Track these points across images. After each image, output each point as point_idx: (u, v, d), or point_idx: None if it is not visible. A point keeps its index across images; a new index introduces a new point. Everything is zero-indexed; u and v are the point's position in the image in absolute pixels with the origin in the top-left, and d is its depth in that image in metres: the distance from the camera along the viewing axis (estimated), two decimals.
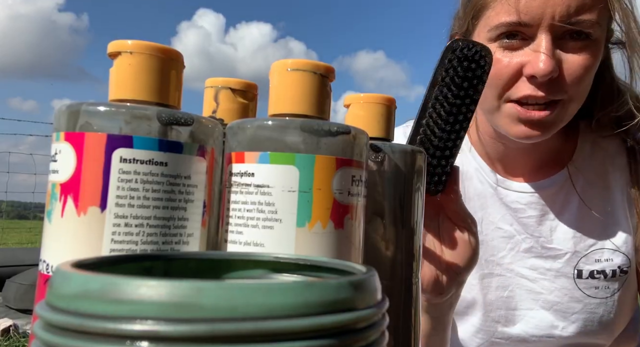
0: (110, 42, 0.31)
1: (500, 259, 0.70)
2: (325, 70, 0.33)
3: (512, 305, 0.70)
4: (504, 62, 0.59)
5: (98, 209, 0.28)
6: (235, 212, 0.31)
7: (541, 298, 0.69)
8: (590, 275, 0.67)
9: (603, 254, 0.67)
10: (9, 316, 2.71)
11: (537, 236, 0.69)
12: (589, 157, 0.69)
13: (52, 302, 0.17)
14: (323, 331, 0.16)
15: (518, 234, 0.70)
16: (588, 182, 0.68)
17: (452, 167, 0.47)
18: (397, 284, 0.40)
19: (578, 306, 0.68)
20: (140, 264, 0.24)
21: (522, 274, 0.70)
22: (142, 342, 0.15)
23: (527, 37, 0.58)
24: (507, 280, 0.70)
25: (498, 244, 0.70)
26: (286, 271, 0.25)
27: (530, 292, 0.69)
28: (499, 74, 0.59)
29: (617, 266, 0.67)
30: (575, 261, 0.67)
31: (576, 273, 0.67)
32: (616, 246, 0.67)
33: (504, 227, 0.70)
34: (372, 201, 0.38)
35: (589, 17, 0.56)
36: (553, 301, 0.68)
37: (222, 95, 0.40)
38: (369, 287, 0.18)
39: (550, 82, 0.57)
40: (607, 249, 0.67)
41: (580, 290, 0.67)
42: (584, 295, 0.67)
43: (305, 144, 0.31)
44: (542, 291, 0.69)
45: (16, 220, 19.05)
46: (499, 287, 0.71)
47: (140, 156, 0.29)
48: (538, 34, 0.57)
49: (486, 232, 0.71)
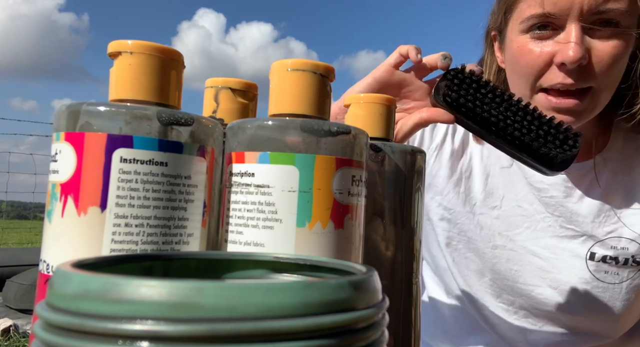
0: (111, 42, 0.31)
1: (514, 235, 0.72)
2: (325, 70, 0.33)
3: (521, 279, 0.72)
4: (535, 52, 0.61)
5: (98, 209, 0.28)
6: (236, 212, 0.31)
7: (549, 277, 0.70)
8: (602, 259, 0.68)
9: (620, 241, 0.68)
10: (9, 316, 2.71)
11: (557, 215, 0.70)
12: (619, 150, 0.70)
13: (52, 302, 0.17)
14: (323, 331, 0.16)
15: (537, 214, 0.71)
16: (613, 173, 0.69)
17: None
18: (397, 284, 0.40)
19: (585, 287, 0.69)
20: (141, 264, 0.24)
21: (535, 252, 0.71)
22: (142, 342, 0.15)
23: (557, 27, 0.60)
24: (517, 255, 0.72)
25: (515, 221, 0.72)
26: (286, 271, 0.25)
27: (539, 270, 0.71)
28: (531, 63, 0.61)
29: (632, 255, 0.67)
30: (591, 244, 0.69)
31: (589, 255, 0.69)
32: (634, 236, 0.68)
33: (524, 205, 0.72)
34: (372, 201, 0.38)
35: (617, 6, 0.58)
36: (561, 281, 0.70)
37: (222, 95, 0.40)
38: (369, 287, 0.18)
39: (579, 69, 0.59)
40: (625, 238, 0.68)
41: (590, 272, 0.69)
42: (593, 277, 0.68)
43: (305, 144, 0.31)
44: (551, 270, 0.70)
45: (16, 220, 19.06)
46: (510, 260, 0.72)
47: (141, 156, 0.29)
48: (567, 24, 0.59)
49: (505, 208, 0.73)
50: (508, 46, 0.65)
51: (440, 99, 0.53)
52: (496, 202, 0.73)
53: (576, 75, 0.59)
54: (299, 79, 0.33)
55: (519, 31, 0.62)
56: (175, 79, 0.32)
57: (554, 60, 0.60)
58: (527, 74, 0.62)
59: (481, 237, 0.74)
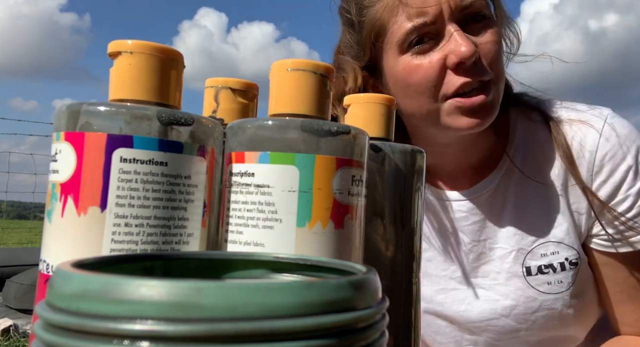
0: (111, 42, 0.31)
1: (452, 273, 0.71)
2: (326, 70, 0.33)
3: (473, 317, 0.70)
4: (424, 65, 0.59)
5: (98, 209, 0.28)
6: (236, 212, 0.31)
7: (499, 306, 0.69)
8: (539, 270, 0.67)
9: (548, 248, 0.67)
10: (9, 316, 2.71)
11: (483, 239, 0.69)
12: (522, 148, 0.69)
13: (52, 302, 0.17)
14: (323, 331, 0.16)
15: (464, 245, 0.70)
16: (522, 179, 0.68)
17: None
18: (397, 284, 0.40)
19: (535, 305, 0.67)
20: (141, 264, 0.24)
21: (476, 283, 0.70)
22: (142, 342, 0.15)
23: (434, 36, 0.59)
24: (463, 293, 0.70)
25: (447, 258, 0.71)
26: (286, 271, 0.25)
27: (487, 302, 0.69)
28: (425, 76, 0.59)
29: (564, 258, 0.66)
30: (522, 258, 0.67)
31: (525, 270, 0.67)
32: (559, 238, 0.66)
33: (450, 239, 0.71)
34: (372, 201, 0.38)
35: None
36: (511, 306, 0.68)
37: (222, 95, 0.40)
38: (369, 287, 0.18)
39: (474, 65, 0.58)
40: (552, 242, 0.67)
41: (533, 288, 0.67)
42: (538, 292, 0.67)
43: (305, 144, 0.31)
44: (498, 298, 0.69)
45: (16, 220, 19.05)
46: (455, 301, 0.71)
47: (141, 156, 0.29)
48: (445, 27, 0.59)
49: (434, 248, 0.71)
50: (390, 74, 0.62)
51: None
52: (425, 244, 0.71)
53: (474, 71, 0.58)
54: (299, 79, 0.33)
55: (398, 53, 0.60)
56: (175, 79, 0.32)
57: (447, 64, 0.58)
58: (425, 88, 0.59)
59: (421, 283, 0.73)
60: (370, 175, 0.37)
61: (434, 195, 0.71)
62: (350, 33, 0.66)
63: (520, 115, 0.70)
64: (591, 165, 0.64)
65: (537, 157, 0.68)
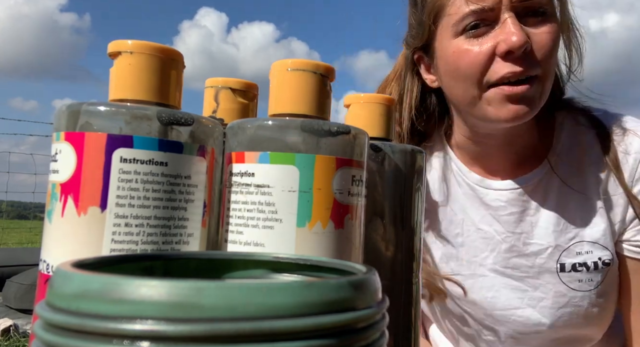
0: (110, 42, 0.31)
1: (482, 260, 0.71)
2: (326, 70, 0.33)
3: (498, 305, 0.71)
4: (474, 50, 0.60)
5: (98, 209, 0.28)
6: (236, 212, 0.31)
7: (527, 296, 0.69)
8: (572, 268, 0.68)
9: (583, 246, 0.67)
10: (9, 316, 2.71)
11: (519, 232, 0.69)
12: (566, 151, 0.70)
13: (52, 302, 0.17)
14: (323, 331, 0.16)
15: (498, 235, 0.70)
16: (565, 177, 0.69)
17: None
18: (397, 284, 0.40)
19: (563, 300, 0.68)
20: (141, 264, 0.24)
21: (506, 273, 0.70)
22: (142, 342, 0.15)
23: (490, 22, 0.59)
24: (491, 281, 0.71)
25: (479, 245, 0.71)
26: (286, 271, 0.25)
27: (515, 291, 0.70)
28: (473, 62, 0.60)
29: (598, 257, 0.67)
30: (557, 255, 0.68)
31: (559, 267, 0.68)
32: (594, 239, 0.67)
33: (484, 228, 0.71)
34: (372, 201, 0.38)
35: None
36: (539, 297, 0.69)
37: (222, 95, 0.40)
38: (369, 287, 0.18)
39: (524, 56, 0.58)
40: (587, 242, 0.67)
41: (564, 284, 0.68)
42: (568, 288, 0.68)
43: (306, 144, 0.31)
44: (527, 289, 0.69)
45: (16, 220, 19.05)
46: (483, 288, 0.71)
47: (141, 156, 0.29)
48: (501, 15, 0.59)
49: (467, 234, 0.71)
50: (441, 56, 0.64)
51: None
52: (457, 228, 0.72)
53: (523, 62, 0.58)
54: (299, 78, 0.33)
55: (452, 35, 0.61)
56: (175, 79, 0.32)
57: (497, 52, 0.59)
58: (471, 73, 0.60)
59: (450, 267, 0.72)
60: (370, 175, 0.37)
61: (473, 181, 0.72)
62: (413, 13, 0.67)
63: (567, 117, 0.71)
64: (634, 171, 0.66)
65: (581, 161, 0.69)
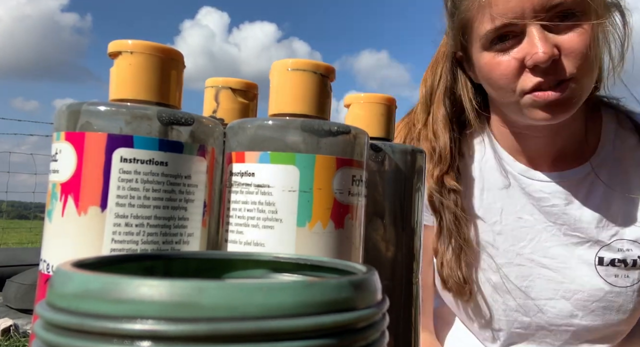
0: (111, 42, 0.31)
1: (520, 249, 0.71)
2: (326, 70, 0.33)
3: (532, 295, 0.71)
4: (504, 63, 0.61)
5: (98, 208, 0.28)
6: (236, 212, 0.31)
7: (562, 287, 0.70)
8: (611, 263, 0.68)
9: (623, 244, 0.68)
10: (9, 315, 2.71)
11: (561, 223, 0.70)
12: (612, 150, 0.70)
13: (52, 302, 0.17)
14: (323, 331, 0.16)
15: (539, 224, 0.71)
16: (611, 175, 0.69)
17: None
18: (397, 284, 0.40)
19: (598, 294, 0.69)
20: (141, 263, 0.24)
21: (543, 263, 0.71)
22: (142, 342, 0.15)
23: (517, 34, 0.60)
24: (527, 270, 0.71)
25: (518, 234, 0.71)
26: (286, 270, 0.25)
27: (550, 282, 0.70)
28: (504, 74, 0.61)
29: (638, 256, 0.68)
30: (597, 249, 0.69)
31: (597, 260, 0.69)
32: (635, 238, 0.68)
33: (524, 216, 0.71)
34: (372, 200, 0.38)
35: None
36: (574, 290, 0.69)
37: (223, 95, 0.40)
38: (369, 287, 0.18)
39: (554, 65, 0.59)
40: (627, 240, 0.68)
41: (602, 277, 0.68)
42: (605, 282, 0.68)
43: (306, 144, 0.31)
44: (563, 280, 0.70)
45: (16, 220, 19.03)
46: (518, 277, 0.71)
47: (141, 156, 0.29)
48: (527, 28, 0.59)
49: (506, 222, 0.72)
50: (476, 64, 0.65)
51: None
52: (495, 217, 0.72)
53: (553, 71, 0.59)
54: (300, 78, 0.33)
55: (481, 49, 0.62)
56: (175, 79, 0.32)
57: (525, 64, 0.59)
58: (504, 84, 0.62)
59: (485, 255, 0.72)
60: (370, 175, 0.37)
61: (518, 170, 0.72)
62: (450, 20, 0.69)
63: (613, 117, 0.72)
64: None
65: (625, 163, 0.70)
